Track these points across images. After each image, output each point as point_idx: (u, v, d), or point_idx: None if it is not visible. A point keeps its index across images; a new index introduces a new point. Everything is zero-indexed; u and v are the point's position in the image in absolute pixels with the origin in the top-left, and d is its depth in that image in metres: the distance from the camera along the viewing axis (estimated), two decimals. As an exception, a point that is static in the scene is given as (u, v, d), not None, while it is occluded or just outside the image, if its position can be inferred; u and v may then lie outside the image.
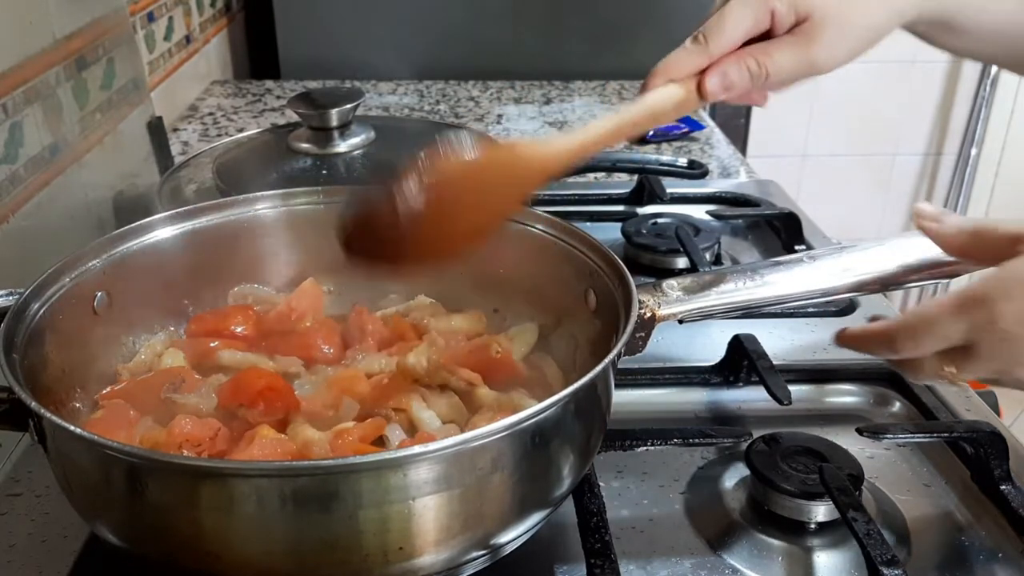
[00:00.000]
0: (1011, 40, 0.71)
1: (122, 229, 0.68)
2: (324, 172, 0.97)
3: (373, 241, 0.57)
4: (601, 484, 0.65)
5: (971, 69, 2.38)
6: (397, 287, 0.78)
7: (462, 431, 0.59)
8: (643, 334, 0.62)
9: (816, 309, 0.90)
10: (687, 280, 0.64)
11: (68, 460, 0.53)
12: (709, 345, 0.83)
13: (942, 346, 0.53)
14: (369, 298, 0.77)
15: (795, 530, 0.64)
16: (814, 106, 2.38)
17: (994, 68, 2.34)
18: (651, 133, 1.43)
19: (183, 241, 0.71)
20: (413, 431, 0.61)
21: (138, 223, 0.69)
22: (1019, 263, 0.51)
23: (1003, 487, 0.66)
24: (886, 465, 0.71)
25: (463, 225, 0.57)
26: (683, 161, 1.13)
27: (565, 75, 1.79)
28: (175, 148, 1.33)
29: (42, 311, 0.59)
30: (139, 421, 0.61)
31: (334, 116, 0.98)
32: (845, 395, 0.80)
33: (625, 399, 0.78)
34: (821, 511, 0.63)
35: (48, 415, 0.48)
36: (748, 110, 2.31)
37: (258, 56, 1.93)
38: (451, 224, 0.56)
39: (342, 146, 0.99)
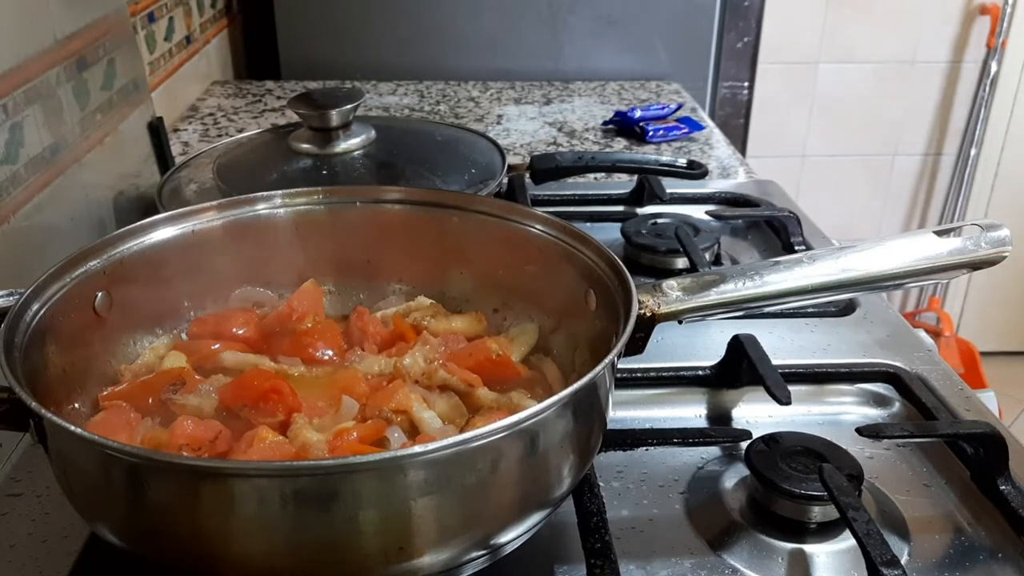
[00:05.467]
0: None
1: (123, 229, 0.68)
2: (324, 172, 0.97)
3: None
4: (601, 484, 0.65)
5: (971, 69, 2.38)
6: (397, 288, 0.78)
7: (462, 432, 0.59)
8: (643, 334, 0.62)
9: (816, 309, 0.90)
10: (687, 280, 0.64)
11: (69, 460, 0.53)
12: (709, 345, 0.84)
13: None
14: (370, 299, 0.78)
15: (795, 530, 0.64)
16: (814, 106, 2.38)
17: (994, 68, 2.33)
18: (651, 133, 1.43)
19: (183, 242, 0.71)
20: (414, 433, 0.61)
21: (139, 223, 0.69)
22: None
23: (1003, 487, 0.66)
24: (886, 465, 0.71)
25: None
26: (683, 161, 1.13)
27: (565, 75, 1.80)
28: (175, 148, 1.33)
29: (43, 311, 0.59)
30: (140, 422, 0.61)
31: (334, 116, 0.98)
32: (845, 395, 0.80)
33: (625, 399, 0.78)
34: (821, 511, 0.63)
35: (49, 415, 0.48)
36: (748, 110, 2.31)
37: (258, 56, 1.93)
38: None
39: (342, 146, 0.99)
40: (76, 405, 0.63)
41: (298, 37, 1.79)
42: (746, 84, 2.28)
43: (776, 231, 1.07)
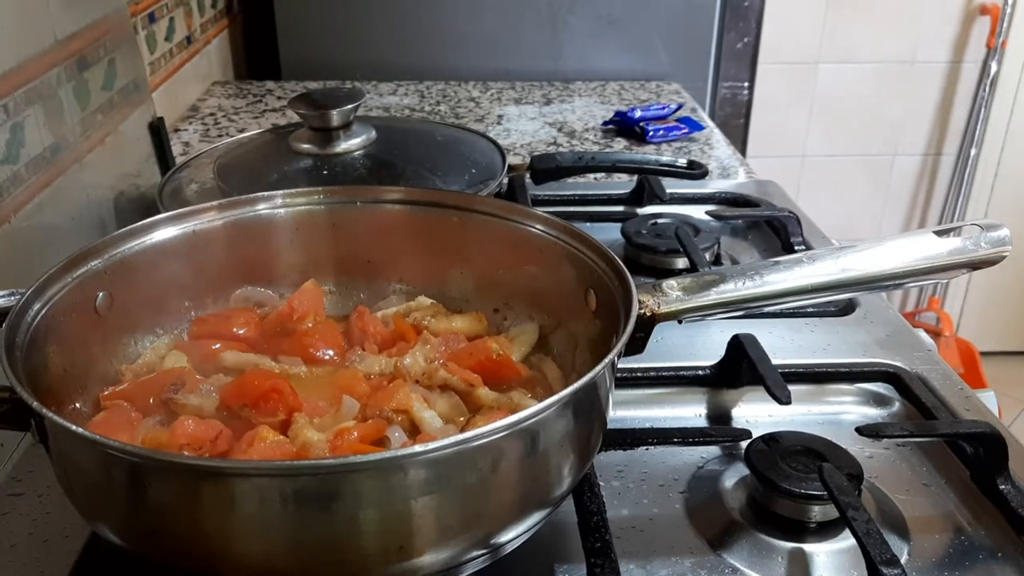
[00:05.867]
0: None
1: (123, 229, 0.68)
2: (325, 172, 0.97)
3: None
4: (601, 484, 0.65)
5: (971, 69, 2.38)
6: (398, 287, 0.78)
7: (462, 431, 0.59)
8: (643, 334, 0.62)
9: (816, 309, 0.90)
10: (687, 280, 0.64)
11: (70, 460, 0.53)
12: (709, 345, 0.84)
13: None
14: (370, 299, 0.78)
15: (795, 530, 0.64)
16: (814, 106, 2.38)
17: (994, 68, 2.34)
18: (651, 134, 1.43)
19: (184, 242, 0.71)
20: (415, 433, 0.61)
21: (139, 223, 0.69)
22: None
23: (1002, 487, 0.66)
24: (886, 465, 0.71)
25: None
26: (683, 161, 1.13)
27: (565, 75, 1.80)
28: (176, 148, 1.34)
29: (44, 311, 0.59)
30: (141, 422, 0.61)
31: (335, 116, 0.98)
32: (845, 395, 0.80)
33: (625, 399, 0.78)
34: (821, 511, 0.63)
35: (50, 415, 0.48)
36: (748, 110, 2.31)
37: (259, 56, 1.93)
38: None
39: (343, 146, 0.99)
40: (77, 405, 0.63)
41: (298, 37, 1.79)
42: (746, 84, 2.28)
43: (776, 231, 1.07)
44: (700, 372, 0.80)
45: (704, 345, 0.84)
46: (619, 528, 0.64)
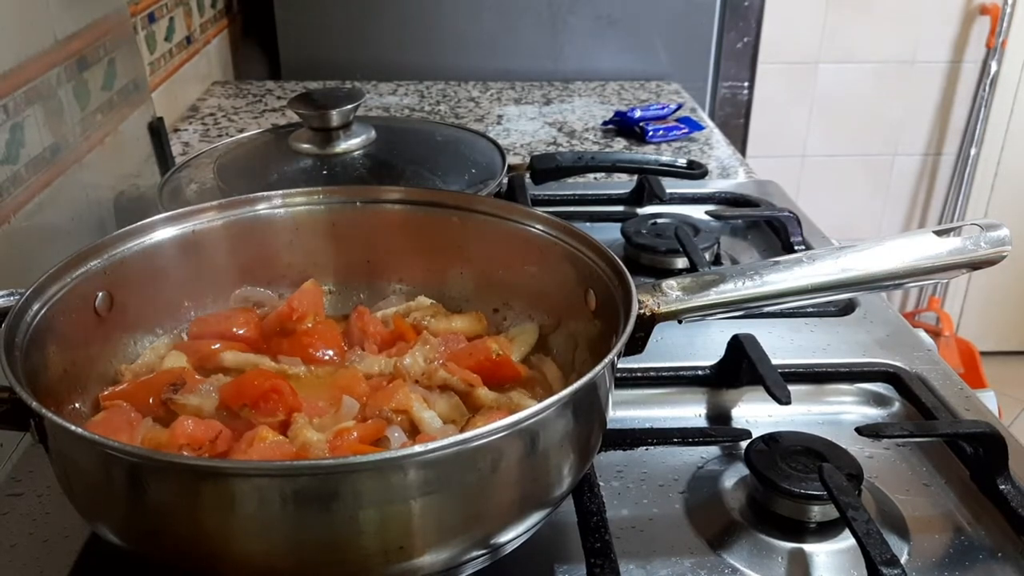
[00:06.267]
0: None
1: (123, 229, 0.68)
2: (325, 172, 0.97)
3: None
4: (601, 484, 0.65)
5: (971, 69, 2.38)
6: (397, 288, 0.78)
7: (462, 431, 0.59)
8: (643, 334, 0.62)
9: (815, 309, 0.90)
10: (687, 280, 0.64)
11: (69, 460, 0.53)
12: (709, 345, 0.84)
13: None
14: (370, 299, 0.78)
15: (795, 530, 0.64)
16: (814, 106, 2.38)
17: (994, 68, 2.34)
18: (651, 133, 1.43)
19: (184, 242, 0.71)
20: (414, 433, 0.61)
21: (139, 223, 0.69)
22: None
23: (1002, 487, 0.66)
24: (886, 465, 0.71)
25: None
26: (683, 161, 1.13)
27: (565, 75, 1.80)
28: (176, 148, 1.34)
29: (43, 311, 0.59)
30: (141, 422, 0.61)
31: (335, 116, 0.98)
32: (845, 395, 0.80)
33: (625, 399, 0.78)
34: (821, 511, 0.63)
35: (50, 415, 0.48)
36: (748, 110, 2.31)
37: (259, 56, 1.93)
38: None
39: (342, 146, 0.99)
40: (77, 405, 0.63)
41: (298, 37, 1.79)
42: (746, 84, 2.28)
43: (776, 231, 1.07)
44: (700, 372, 0.80)
45: (704, 345, 0.84)
46: (619, 528, 0.64)
